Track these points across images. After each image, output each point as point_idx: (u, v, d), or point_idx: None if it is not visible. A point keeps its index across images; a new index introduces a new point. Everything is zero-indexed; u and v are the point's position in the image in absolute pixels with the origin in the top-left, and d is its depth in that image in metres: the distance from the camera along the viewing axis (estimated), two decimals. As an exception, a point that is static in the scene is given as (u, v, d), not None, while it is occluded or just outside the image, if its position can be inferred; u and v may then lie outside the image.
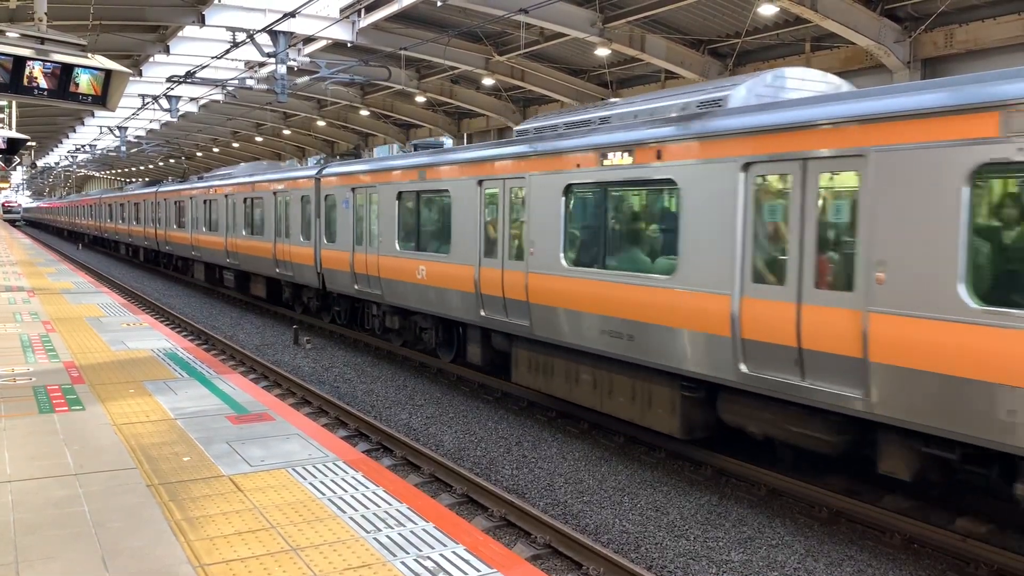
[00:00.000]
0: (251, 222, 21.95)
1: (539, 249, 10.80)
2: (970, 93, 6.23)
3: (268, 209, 20.55)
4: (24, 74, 8.47)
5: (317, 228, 17.72)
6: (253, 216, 21.81)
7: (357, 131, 41.16)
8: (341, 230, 16.59)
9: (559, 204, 10.48)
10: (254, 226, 21.72)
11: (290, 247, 19.17)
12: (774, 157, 7.70)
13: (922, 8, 16.63)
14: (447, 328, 14.12)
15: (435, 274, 13.20)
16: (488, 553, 4.60)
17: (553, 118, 11.53)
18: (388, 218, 14.74)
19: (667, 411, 9.20)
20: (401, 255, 14.31)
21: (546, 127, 11.45)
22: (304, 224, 18.47)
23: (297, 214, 18.78)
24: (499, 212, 11.67)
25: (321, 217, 17.59)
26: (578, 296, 10.09)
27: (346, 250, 16.31)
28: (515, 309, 11.29)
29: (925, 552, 7.34)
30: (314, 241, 17.86)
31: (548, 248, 10.64)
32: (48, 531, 4.77)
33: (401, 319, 15.34)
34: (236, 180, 23.50)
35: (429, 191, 13.67)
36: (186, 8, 21.12)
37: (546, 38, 22.37)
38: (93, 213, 50.18)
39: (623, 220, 10.01)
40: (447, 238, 12.97)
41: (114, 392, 8.22)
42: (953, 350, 6.22)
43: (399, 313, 15.31)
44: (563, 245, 10.46)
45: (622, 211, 10.00)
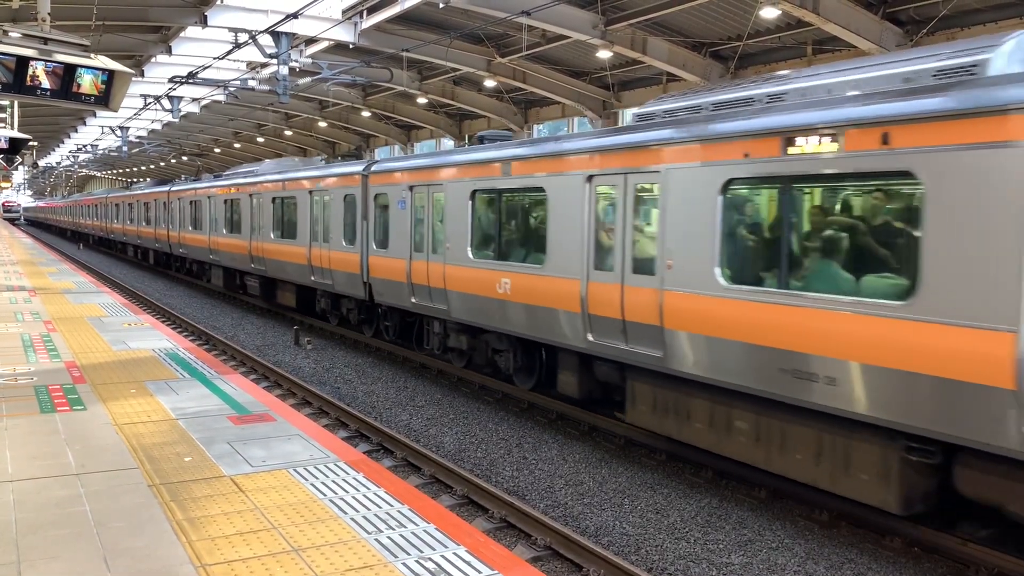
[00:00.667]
0: (281, 224, 20.04)
1: (682, 261, 8.62)
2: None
3: (302, 210, 18.56)
4: (27, 74, 8.48)
5: (364, 232, 15.74)
6: (283, 217, 19.92)
7: (358, 132, 41.20)
8: (395, 234, 14.59)
9: (713, 204, 8.29)
10: (284, 229, 19.82)
11: (329, 253, 17.22)
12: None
13: (924, 12, 16.64)
14: (528, 351, 12.13)
15: (522, 288, 11.18)
16: (489, 555, 4.61)
17: (689, 97, 9.42)
18: (459, 221, 12.69)
19: (878, 477, 7.13)
20: (476, 265, 12.21)
21: (681, 108, 9.30)
22: (347, 227, 16.51)
23: (339, 216, 16.80)
24: (618, 214, 9.58)
25: (369, 219, 15.56)
26: (745, 324, 7.93)
27: (401, 258, 14.30)
28: (640, 335, 9.21)
29: (925, 556, 7.33)
30: (360, 246, 15.89)
31: (696, 260, 8.44)
32: (50, 531, 4.78)
33: (470, 338, 13.31)
34: (263, 178, 21.51)
35: (516, 189, 11.65)
36: (188, 9, 21.14)
37: (548, 40, 22.38)
38: (98, 213, 48.31)
39: (821, 225, 7.68)
40: (540, 246, 11.00)
41: (115, 392, 8.23)
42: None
43: (468, 331, 13.28)
44: (721, 257, 8.28)
45: (819, 213, 7.79)
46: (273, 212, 20.42)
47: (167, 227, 31.09)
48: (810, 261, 7.67)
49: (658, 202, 9.02)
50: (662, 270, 8.90)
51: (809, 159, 7.43)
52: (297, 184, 19.03)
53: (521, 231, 12.00)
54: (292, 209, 19.37)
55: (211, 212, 25.44)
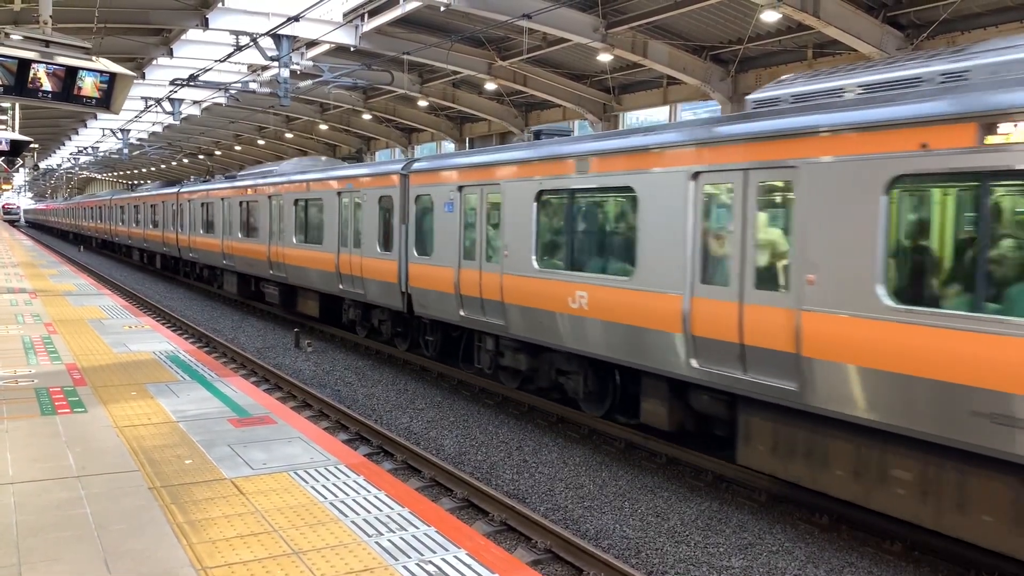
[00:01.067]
0: (304, 228, 18.61)
1: (829, 276, 7.19)
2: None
3: (329, 213, 17.11)
4: (28, 76, 8.50)
5: (403, 237, 14.33)
6: (307, 221, 18.47)
7: (359, 135, 41.23)
8: (441, 240, 13.11)
9: (874, 206, 6.83)
10: (309, 233, 18.36)
11: (361, 260, 15.76)
12: None
13: (924, 15, 16.66)
14: (600, 374, 10.73)
15: (603, 303, 9.71)
16: (489, 558, 4.61)
17: (825, 79, 7.93)
18: (520, 226, 11.22)
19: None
20: (542, 275, 10.76)
21: (817, 92, 7.84)
22: (383, 231, 15.11)
23: (373, 219, 15.38)
24: (734, 218, 8.08)
25: (409, 223, 14.15)
26: (922, 355, 6.47)
27: (448, 266, 12.85)
28: (765, 363, 7.71)
29: (926, 559, 7.33)
30: (398, 253, 14.47)
31: (848, 275, 7.04)
32: (50, 533, 4.78)
33: (529, 358, 11.77)
34: (284, 178, 20.03)
35: (595, 190, 10.19)
36: (190, 12, 21.17)
37: (548, 43, 22.42)
38: (102, 215, 46.78)
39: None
40: (627, 255, 9.62)
41: (116, 394, 8.23)
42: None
43: (527, 350, 11.76)
44: (886, 271, 6.81)
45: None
46: (295, 215, 18.99)
47: (176, 230, 29.88)
48: (1018, 277, 6.16)
49: (793, 203, 7.49)
50: (799, 286, 7.37)
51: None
52: (324, 185, 17.58)
53: (602, 237, 10.46)
54: (318, 212, 17.96)
55: (225, 215, 24.11)
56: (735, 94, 21.45)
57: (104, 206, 46.25)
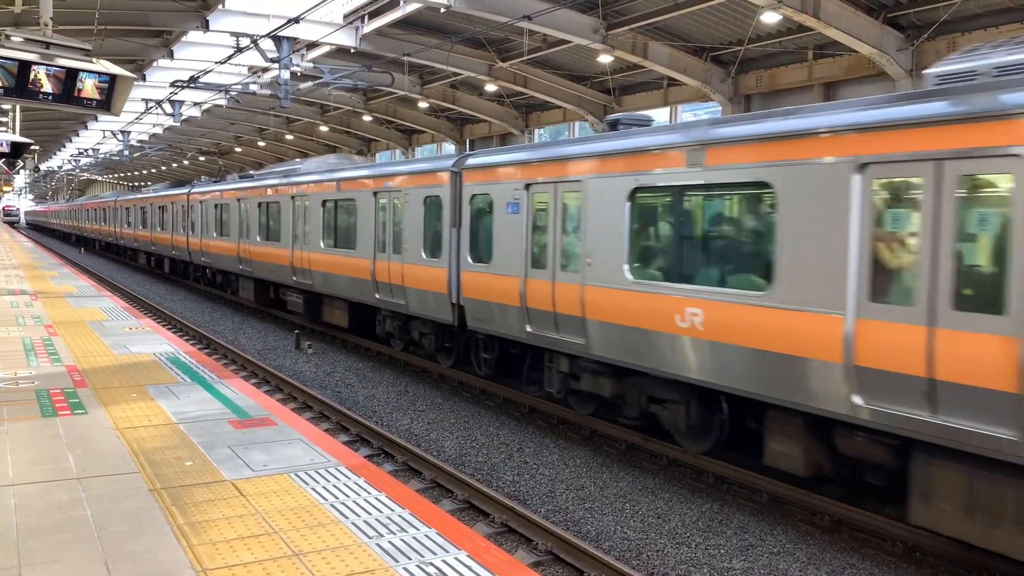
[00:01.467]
0: (334, 231, 17.21)
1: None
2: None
3: (364, 215, 15.70)
4: (29, 78, 8.49)
5: (454, 242, 12.86)
6: (337, 224, 17.09)
7: (360, 136, 41.26)
8: (503, 245, 11.69)
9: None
10: (339, 237, 16.99)
11: (402, 267, 14.31)
12: None
13: (925, 17, 16.67)
14: (706, 405, 9.24)
15: (726, 323, 8.20)
16: (490, 559, 4.60)
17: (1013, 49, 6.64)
18: (608, 229, 9.73)
19: None
20: (640, 288, 9.26)
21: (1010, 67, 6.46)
22: (429, 235, 13.63)
23: (416, 221, 13.90)
24: (923, 220, 6.67)
25: (463, 226, 12.65)
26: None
27: (512, 275, 11.43)
28: (966, 404, 6.35)
29: (927, 560, 7.33)
30: (448, 260, 12.97)
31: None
32: (51, 535, 4.77)
33: (614, 382, 10.21)
34: (310, 177, 18.61)
35: (712, 186, 8.65)
36: (190, 13, 21.20)
37: (549, 45, 22.44)
38: (107, 217, 45.16)
39: None
40: (759, 265, 8.14)
41: (116, 396, 8.23)
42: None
43: (612, 373, 10.20)
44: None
45: None
46: (324, 217, 17.52)
47: (186, 233, 28.39)
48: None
49: (1013, 201, 6.10)
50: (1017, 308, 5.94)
51: None
52: (357, 184, 16.13)
53: (723, 244, 8.84)
54: (349, 214, 16.50)
55: (241, 217, 22.66)
56: (735, 95, 21.46)
57: (109, 208, 44.86)
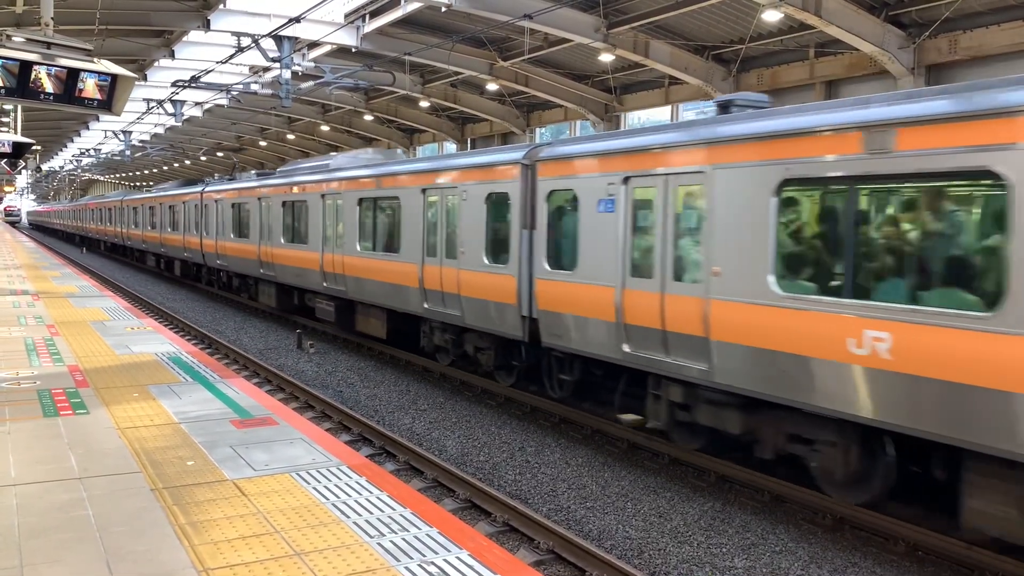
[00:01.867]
0: (372, 233, 15.79)
1: None
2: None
3: (410, 215, 14.21)
4: (30, 78, 8.49)
5: (525, 245, 11.34)
6: (376, 224, 15.70)
7: (361, 136, 41.26)
8: (591, 250, 10.10)
9: None
10: (378, 239, 15.59)
11: (458, 273, 12.77)
12: None
13: (926, 14, 16.65)
14: (868, 445, 7.63)
15: (923, 353, 6.57)
16: (491, 559, 4.60)
17: None
18: (745, 232, 7.98)
19: None
20: (792, 304, 7.60)
21: None
22: (493, 238, 12.15)
23: (477, 222, 12.38)
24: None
25: (540, 227, 11.12)
26: None
27: (604, 284, 9.85)
28: None
29: (929, 559, 7.32)
30: (518, 266, 11.44)
31: None
32: (52, 535, 4.77)
33: (744, 416, 8.49)
34: (344, 174, 17.10)
35: (904, 177, 6.92)
36: (191, 13, 21.21)
37: (550, 43, 22.44)
38: (113, 218, 43.59)
39: None
40: (982, 279, 6.47)
41: (118, 396, 8.23)
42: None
43: (743, 405, 8.46)
44: None
45: None
46: (360, 217, 16.11)
47: (200, 234, 26.81)
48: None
49: None
50: None
51: None
52: (402, 180, 14.60)
53: (923, 250, 6.99)
54: (391, 214, 15.10)
55: (263, 217, 21.13)
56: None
57: (115, 207, 43.27)
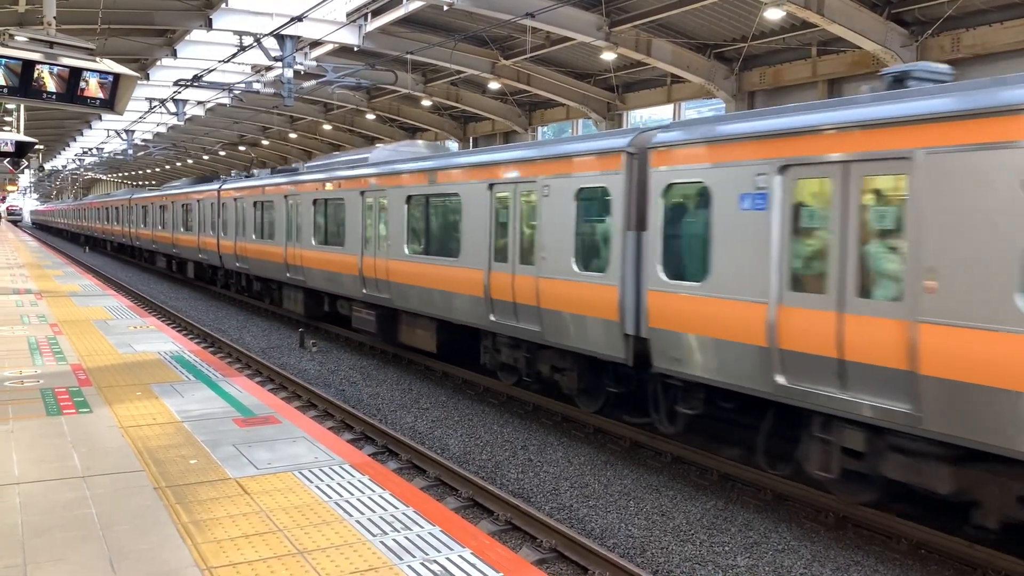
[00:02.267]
0: (423, 235, 14.21)
1: None
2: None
3: (473, 214, 12.48)
4: (33, 78, 8.50)
5: (632, 249, 9.56)
6: (428, 225, 14.14)
7: (363, 135, 41.25)
8: (729, 257, 8.26)
9: None
10: (432, 242, 13.97)
11: (536, 281, 11.01)
12: None
13: (929, 12, 16.61)
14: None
15: None
16: (494, 557, 4.60)
17: None
18: (981, 235, 6.21)
19: None
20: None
21: None
22: (586, 241, 10.48)
23: (563, 222, 10.57)
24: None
25: (649, 228, 9.29)
26: None
27: (752, 299, 7.95)
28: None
29: (932, 558, 7.32)
30: (621, 274, 9.65)
31: None
32: (56, 533, 4.78)
33: (958, 470, 6.73)
34: (388, 168, 15.42)
35: None
36: (193, 12, 21.22)
37: (552, 42, 22.41)
38: (120, 217, 41.91)
39: None
40: None
41: (121, 395, 8.25)
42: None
43: (957, 458, 6.69)
44: None
45: None
46: (409, 217, 14.47)
47: (216, 234, 25.18)
48: None
49: None
50: None
51: None
52: (465, 174, 12.86)
53: None
54: (449, 213, 13.56)
55: (290, 216, 19.60)
56: (739, 92, 21.43)
57: (123, 206, 41.58)
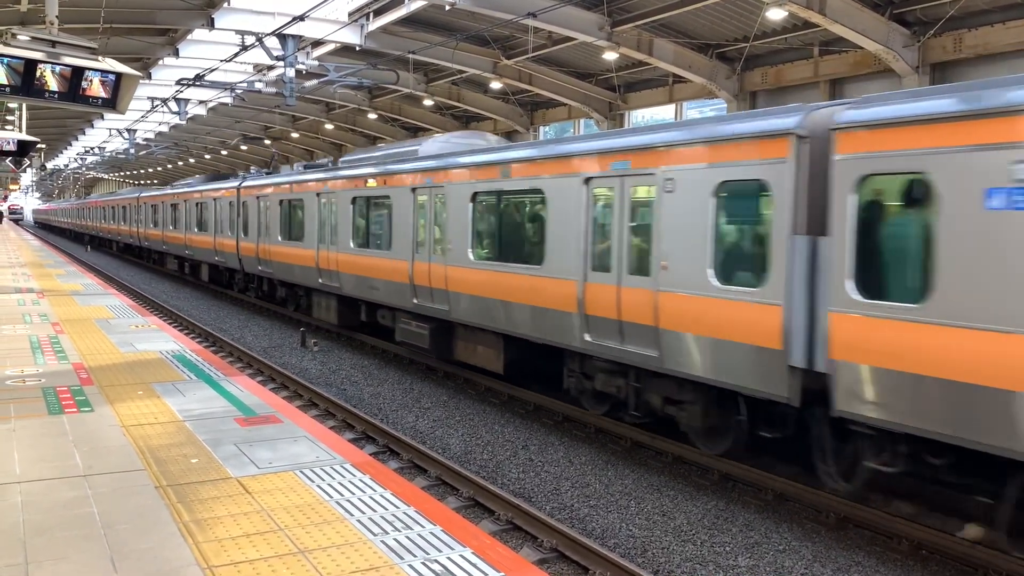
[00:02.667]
0: (495, 239, 12.20)
1: None
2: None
3: (561, 215, 10.56)
4: (35, 77, 8.51)
5: (804, 259, 7.60)
6: (500, 227, 12.13)
7: (365, 134, 41.25)
8: (959, 271, 6.35)
9: None
10: (504, 246, 12.03)
11: (655, 296, 9.06)
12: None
13: (931, 12, 16.59)
14: None
15: None
16: (495, 556, 4.60)
17: None
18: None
19: None
20: None
21: None
22: (728, 247, 8.59)
23: (694, 224, 8.64)
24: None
25: (835, 233, 7.29)
26: None
27: (1002, 328, 6.07)
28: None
29: (933, 558, 7.31)
30: (786, 291, 7.70)
31: None
32: (57, 532, 4.79)
33: None
34: (445, 163, 13.50)
35: None
36: (195, 12, 21.22)
37: (554, 42, 22.39)
38: (127, 216, 40.71)
39: None
40: None
41: (123, 394, 8.25)
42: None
43: None
44: None
45: None
46: (474, 217, 12.58)
47: (236, 235, 23.62)
48: None
49: None
50: None
51: None
52: (551, 167, 10.89)
53: None
54: (528, 213, 11.79)
55: (324, 216, 17.84)
56: (741, 92, 21.42)
57: (130, 205, 39.94)
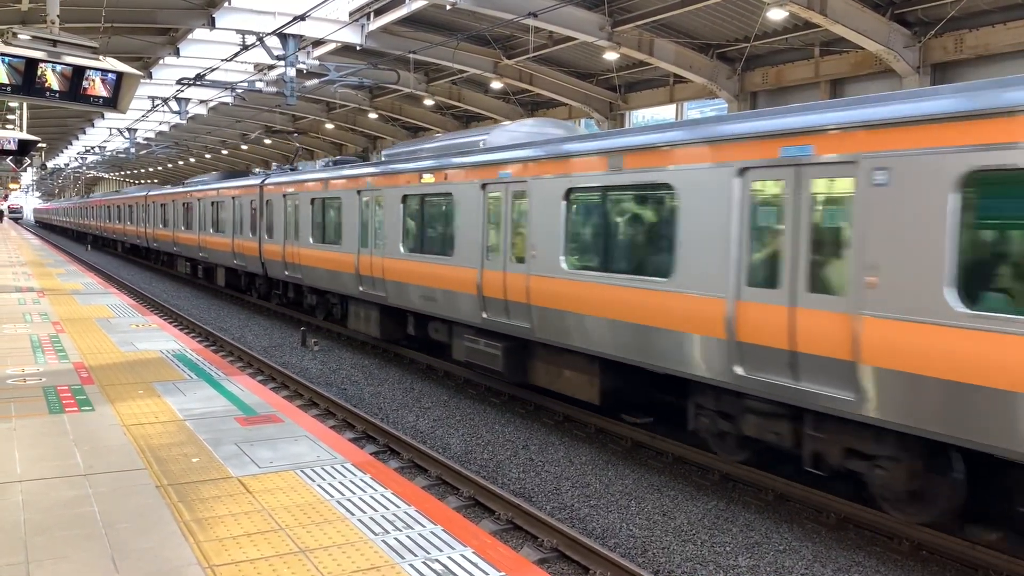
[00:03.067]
0: (600, 244, 10.19)
1: None
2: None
3: (695, 217, 8.59)
4: (36, 76, 8.51)
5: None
6: (607, 231, 10.11)
7: (365, 134, 41.27)
8: None
9: None
10: (612, 254, 10.03)
11: (853, 322, 6.98)
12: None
13: (932, 13, 16.60)
14: None
15: None
16: (495, 556, 4.60)
17: None
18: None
19: None
20: None
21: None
22: (980, 260, 6.33)
23: (928, 226, 6.44)
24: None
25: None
26: None
27: None
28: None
29: (933, 559, 7.31)
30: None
31: None
32: (58, 531, 4.79)
33: None
34: (533, 153, 11.27)
35: None
36: (196, 11, 21.23)
37: (555, 42, 22.41)
38: (135, 216, 39.20)
39: None
40: None
41: (123, 393, 8.25)
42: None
43: None
44: None
45: None
46: (569, 218, 10.60)
47: (258, 237, 21.94)
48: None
49: None
50: None
51: None
52: (686, 155, 8.75)
53: None
54: (649, 214, 9.67)
55: (365, 217, 16.05)
56: (741, 92, 21.42)
57: (137, 204, 38.35)
